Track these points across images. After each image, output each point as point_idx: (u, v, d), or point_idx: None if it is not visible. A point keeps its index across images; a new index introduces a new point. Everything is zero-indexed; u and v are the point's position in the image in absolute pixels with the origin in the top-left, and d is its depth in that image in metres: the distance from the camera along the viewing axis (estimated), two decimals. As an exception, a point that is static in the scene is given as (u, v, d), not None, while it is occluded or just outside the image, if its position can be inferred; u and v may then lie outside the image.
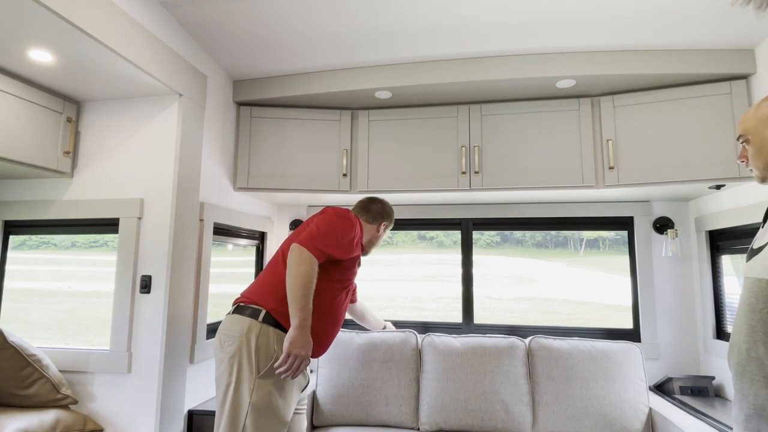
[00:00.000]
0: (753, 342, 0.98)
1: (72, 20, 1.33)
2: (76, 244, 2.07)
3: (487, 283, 2.70)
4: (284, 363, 1.40)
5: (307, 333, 1.43)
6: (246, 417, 1.42)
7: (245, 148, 2.32)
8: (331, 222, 1.61)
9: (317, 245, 1.52)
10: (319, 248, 1.53)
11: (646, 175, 2.01)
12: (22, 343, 1.71)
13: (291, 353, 1.40)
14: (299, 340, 1.41)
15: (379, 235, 1.91)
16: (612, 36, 1.89)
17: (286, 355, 1.40)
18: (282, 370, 1.41)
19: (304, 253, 1.49)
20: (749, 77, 1.95)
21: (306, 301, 1.44)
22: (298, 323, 1.42)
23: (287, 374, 1.42)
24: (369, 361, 2.12)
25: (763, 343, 0.96)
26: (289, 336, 1.41)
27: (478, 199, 2.45)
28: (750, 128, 1.12)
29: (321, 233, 1.56)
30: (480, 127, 2.22)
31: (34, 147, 1.73)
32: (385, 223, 1.91)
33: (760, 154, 1.10)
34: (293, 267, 1.47)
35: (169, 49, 1.78)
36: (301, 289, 1.44)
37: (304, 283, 1.45)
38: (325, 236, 1.56)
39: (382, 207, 1.92)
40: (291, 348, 1.40)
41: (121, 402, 1.75)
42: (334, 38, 1.95)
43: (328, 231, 1.57)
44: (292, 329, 1.42)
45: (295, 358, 1.40)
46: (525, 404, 2.00)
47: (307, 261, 1.48)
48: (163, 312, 1.76)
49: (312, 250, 1.51)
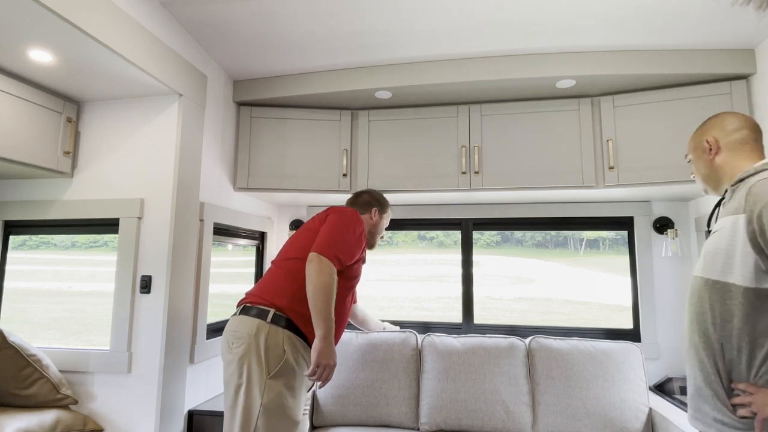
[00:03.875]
0: (691, 332, 1.15)
1: (72, 20, 1.33)
2: (76, 244, 2.07)
3: (487, 283, 2.70)
4: (313, 373, 1.43)
5: (332, 343, 1.45)
6: (258, 418, 1.42)
7: (245, 148, 2.32)
8: (340, 225, 1.61)
9: (334, 253, 1.53)
10: (336, 255, 1.54)
11: (646, 175, 2.01)
12: (22, 343, 1.71)
13: (320, 363, 1.42)
14: (326, 351, 1.43)
15: (375, 222, 1.92)
16: (612, 36, 1.89)
17: (315, 365, 1.42)
18: (312, 380, 1.44)
19: (323, 263, 1.50)
20: (749, 77, 1.95)
21: (329, 311, 1.46)
22: (323, 334, 1.44)
23: (319, 383, 1.46)
24: (369, 361, 2.12)
25: (697, 332, 1.13)
26: (316, 347, 1.43)
27: (478, 199, 2.45)
28: (690, 148, 1.33)
29: (336, 239, 1.56)
30: (480, 127, 2.22)
31: (34, 147, 1.73)
32: (375, 209, 1.93)
33: (697, 171, 1.30)
34: (314, 277, 1.48)
35: (169, 49, 1.78)
36: (323, 300, 1.46)
37: (326, 293, 1.46)
38: (339, 242, 1.56)
39: (369, 196, 1.96)
40: (320, 359, 1.42)
41: (121, 402, 1.75)
42: (335, 38, 1.95)
43: (341, 236, 1.58)
44: (317, 340, 1.44)
45: (324, 368, 1.43)
46: (525, 404, 2.00)
47: (327, 271, 1.49)
48: (163, 312, 1.76)
49: (331, 258, 1.52)
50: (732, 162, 1.21)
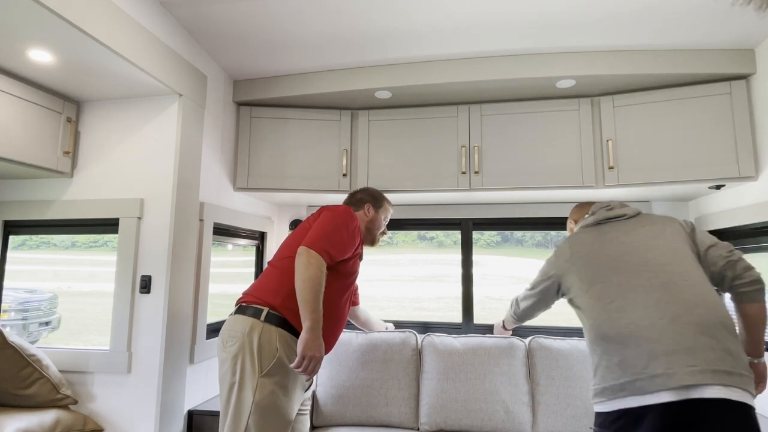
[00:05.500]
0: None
1: (72, 20, 1.33)
2: (76, 244, 2.07)
3: (487, 283, 2.70)
4: (299, 365, 1.42)
5: (320, 335, 1.44)
6: (249, 416, 1.42)
7: (245, 148, 2.32)
8: (331, 221, 1.62)
9: (324, 247, 1.54)
10: (326, 250, 1.54)
11: (646, 175, 2.01)
12: (22, 343, 1.71)
13: (305, 355, 1.41)
14: (312, 343, 1.42)
15: (370, 217, 1.91)
16: (612, 36, 1.89)
17: (301, 357, 1.41)
18: (298, 372, 1.44)
19: (312, 256, 1.50)
20: (749, 77, 1.95)
21: (317, 304, 1.45)
22: (310, 326, 1.43)
23: (305, 375, 1.45)
24: (369, 361, 2.12)
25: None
26: (302, 339, 1.42)
27: (478, 199, 2.45)
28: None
29: (326, 234, 1.57)
30: (480, 127, 2.22)
31: (34, 147, 1.73)
32: (368, 205, 1.92)
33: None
34: (302, 270, 1.48)
35: (169, 49, 1.78)
36: (311, 292, 1.45)
37: (314, 285, 1.46)
38: (330, 237, 1.57)
39: (362, 193, 1.97)
40: (305, 350, 1.41)
41: (121, 402, 1.75)
42: (335, 38, 1.95)
43: (332, 231, 1.59)
44: (304, 332, 1.43)
45: (310, 360, 1.42)
46: (525, 404, 2.00)
47: (315, 264, 1.49)
48: (163, 312, 1.76)
49: (320, 252, 1.52)
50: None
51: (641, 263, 1.36)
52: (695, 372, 1.15)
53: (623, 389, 1.21)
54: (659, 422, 1.14)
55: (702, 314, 1.23)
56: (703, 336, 1.20)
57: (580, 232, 1.58)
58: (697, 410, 1.14)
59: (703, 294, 1.28)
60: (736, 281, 1.36)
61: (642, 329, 1.24)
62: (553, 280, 1.58)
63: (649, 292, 1.30)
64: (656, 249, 1.39)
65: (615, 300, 1.33)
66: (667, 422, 1.14)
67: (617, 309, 1.31)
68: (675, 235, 1.43)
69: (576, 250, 1.51)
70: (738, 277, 1.35)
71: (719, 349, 1.18)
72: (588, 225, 1.57)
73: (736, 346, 1.21)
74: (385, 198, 2.00)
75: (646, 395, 1.17)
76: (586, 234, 1.54)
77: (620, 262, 1.39)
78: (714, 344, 1.19)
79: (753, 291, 1.34)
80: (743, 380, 1.16)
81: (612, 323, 1.30)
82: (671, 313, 1.24)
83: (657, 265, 1.35)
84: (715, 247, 1.40)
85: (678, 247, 1.39)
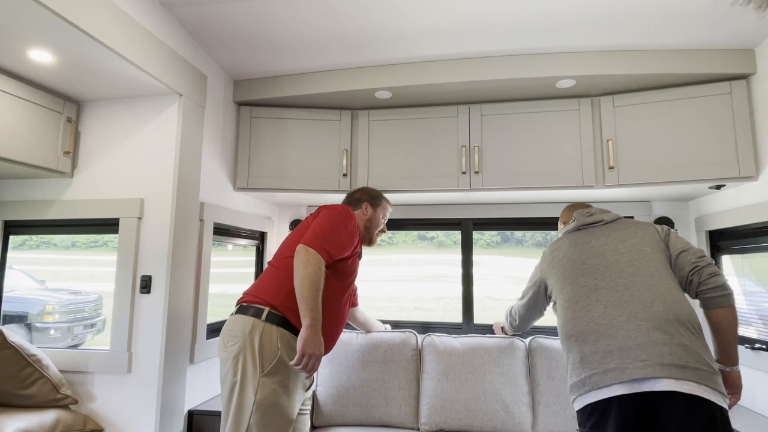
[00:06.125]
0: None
1: (72, 20, 1.33)
2: (76, 244, 2.07)
3: (487, 283, 2.70)
4: (299, 363, 1.42)
5: (319, 332, 1.45)
6: (251, 415, 1.42)
7: (245, 148, 2.32)
8: (329, 219, 1.62)
9: (323, 245, 1.54)
10: (325, 248, 1.54)
11: (646, 175, 2.01)
12: (22, 343, 1.71)
13: (305, 353, 1.41)
14: (311, 340, 1.42)
15: (369, 216, 1.91)
16: (612, 36, 1.89)
17: (300, 354, 1.41)
18: (298, 369, 1.44)
19: (311, 254, 1.50)
20: (749, 77, 1.95)
21: (315, 301, 1.46)
22: (309, 323, 1.43)
23: (305, 373, 1.45)
24: (369, 361, 2.12)
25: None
26: (302, 336, 1.42)
27: (478, 199, 2.45)
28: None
29: (325, 232, 1.57)
30: (480, 127, 2.22)
31: (34, 147, 1.73)
32: (366, 203, 1.93)
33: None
34: (301, 268, 1.48)
35: (169, 49, 1.78)
36: (310, 290, 1.46)
37: (313, 283, 1.46)
38: (328, 235, 1.57)
39: (360, 192, 1.97)
40: (304, 348, 1.41)
41: (121, 402, 1.75)
42: (335, 38, 1.95)
43: (331, 229, 1.59)
44: (303, 329, 1.43)
45: (309, 358, 1.42)
46: (525, 404, 2.00)
47: (314, 261, 1.49)
48: (163, 312, 1.76)
49: (318, 250, 1.52)
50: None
51: (606, 265, 1.42)
52: (646, 366, 1.19)
53: (584, 385, 1.27)
54: (619, 414, 1.19)
55: (658, 311, 1.27)
56: (657, 332, 1.24)
57: (561, 237, 1.64)
58: (652, 403, 1.18)
59: (662, 293, 1.31)
60: (701, 287, 1.38)
61: (600, 327, 1.30)
62: (539, 284, 1.65)
63: (611, 292, 1.35)
64: (623, 252, 1.44)
65: (580, 300, 1.39)
66: (627, 413, 1.19)
67: (581, 308, 1.37)
68: (646, 239, 1.47)
69: (555, 255, 1.58)
70: (703, 282, 1.38)
71: (673, 344, 1.21)
72: (569, 231, 1.63)
73: (695, 342, 1.24)
74: (383, 197, 2.00)
75: (602, 389, 1.23)
76: (565, 239, 1.60)
77: (588, 265, 1.45)
78: (667, 339, 1.22)
79: (718, 297, 1.36)
80: (699, 374, 1.18)
81: (575, 322, 1.36)
82: (629, 311, 1.29)
83: (622, 266, 1.40)
84: (686, 252, 1.43)
85: (645, 251, 1.43)
